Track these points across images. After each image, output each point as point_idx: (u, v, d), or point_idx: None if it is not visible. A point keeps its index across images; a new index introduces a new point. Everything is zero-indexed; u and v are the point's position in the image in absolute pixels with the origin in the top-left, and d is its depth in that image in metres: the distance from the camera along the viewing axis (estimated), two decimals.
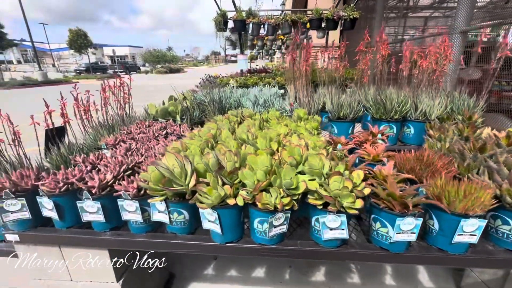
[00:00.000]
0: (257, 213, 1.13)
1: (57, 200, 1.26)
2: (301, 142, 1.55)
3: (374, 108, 2.46)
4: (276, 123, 2.03)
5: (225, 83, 6.13)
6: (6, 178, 1.27)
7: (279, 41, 9.81)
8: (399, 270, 2.05)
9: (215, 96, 2.60)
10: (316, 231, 1.18)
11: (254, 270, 2.08)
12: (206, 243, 1.22)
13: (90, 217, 1.26)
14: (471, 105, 2.31)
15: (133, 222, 1.27)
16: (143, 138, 2.03)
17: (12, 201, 1.24)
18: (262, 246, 1.19)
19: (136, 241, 1.26)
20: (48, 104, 1.94)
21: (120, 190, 1.24)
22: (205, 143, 1.51)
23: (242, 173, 1.14)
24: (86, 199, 1.22)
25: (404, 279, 1.97)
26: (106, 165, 1.47)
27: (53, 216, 1.28)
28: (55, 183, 1.27)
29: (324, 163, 1.14)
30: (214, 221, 1.15)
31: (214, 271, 2.07)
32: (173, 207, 1.21)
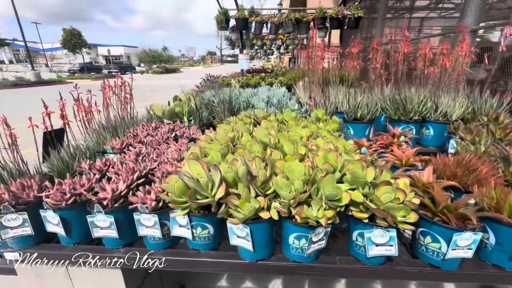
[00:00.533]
0: (294, 228, 1.00)
1: (63, 214, 1.11)
2: (329, 145, 1.43)
3: (393, 109, 2.35)
4: (294, 124, 1.91)
5: (226, 83, 6.00)
6: (4, 189, 1.12)
7: (278, 40, 9.71)
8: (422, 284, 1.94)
9: (225, 96, 2.46)
10: (358, 247, 1.06)
11: (271, 281, 1.95)
12: (234, 260, 1.09)
13: (102, 232, 1.12)
14: (494, 106, 2.21)
15: (150, 238, 1.13)
16: (152, 141, 1.88)
17: (12, 215, 1.09)
18: (297, 264, 1.06)
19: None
20: (47, 105, 1.79)
21: (136, 202, 1.10)
22: (226, 148, 1.38)
23: (276, 183, 1.01)
24: (98, 213, 1.08)
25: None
26: (116, 172, 1.33)
27: (59, 232, 1.13)
28: (61, 194, 1.12)
29: (367, 171, 1.02)
30: (245, 237, 1.02)
31: (228, 283, 1.94)
32: (196, 221, 1.07)
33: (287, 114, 2.13)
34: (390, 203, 0.91)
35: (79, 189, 1.17)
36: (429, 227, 1.00)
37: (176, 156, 1.54)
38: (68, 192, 1.13)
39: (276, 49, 10.94)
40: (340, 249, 1.16)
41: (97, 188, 1.16)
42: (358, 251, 1.07)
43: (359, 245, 1.05)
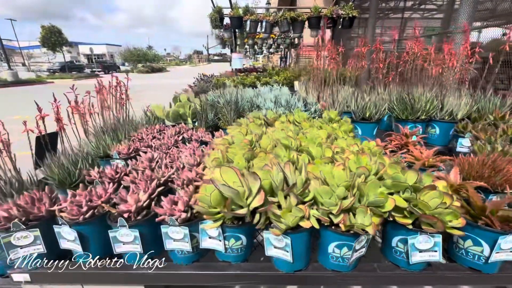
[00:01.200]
0: (335, 237, 0.96)
1: (80, 229, 1.01)
2: (354, 147, 1.40)
3: (400, 108, 2.36)
4: (308, 126, 1.86)
5: (221, 82, 5.90)
6: (12, 204, 1.00)
7: (270, 39, 9.67)
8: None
9: (231, 97, 2.39)
10: (398, 253, 1.03)
11: None
12: (270, 272, 1.03)
13: (124, 247, 1.02)
14: (498, 104, 2.27)
15: (178, 251, 1.05)
16: (160, 145, 1.78)
17: (22, 233, 0.97)
18: (337, 273, 1.01)
19: (182, 274, 1.04)
20: (41, 107, 1.65)
21: (163, 213, 1.01)
22: (250, 153, 1.31)
23: (316, 190, 0.96)
24: (121, 227, 0.99)
25: None
26: (133, 181, 1.23)
27: (75, 249, 1.03)
28: (77, 208, 1.02)
29: (408, 175, 0.99)
30: (284, 247, 0.96)
31: None
32: (230, 232, 1.00)
33: (298, 115, 2.08)
34: (439, 208, 0.88)
35: (96, 201, 1.07)
36: (470, 230, 0.99)
37: (193, 162, 1.46)
38: (85, 205, 1.03)
39: (267, 48, 10.90)
40: (375, 255, 1.13)
41: (116, 199, 1.07)
42: (397, 257, 1.03)
43: (400, 251, 1.02)
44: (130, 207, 1.01)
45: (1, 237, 0.94)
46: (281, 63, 11.06)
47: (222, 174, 0.98)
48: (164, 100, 3.04)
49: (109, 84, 2.41)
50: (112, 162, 1.73)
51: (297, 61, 11.02)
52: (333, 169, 1.00)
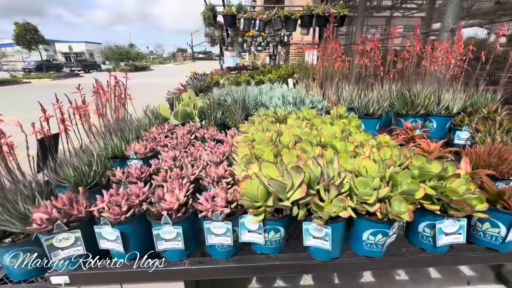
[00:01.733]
0: (370, 224, 1.02)
1: (122, 228, 1.01)
2: (372, 141, 1.48)
3: (401, 104, 2.48)
4: (320, 122, 1.93)
5: (215, 81, 5.88)
6: (50, 206, 0.99)
7: (260, 37, 9.69)
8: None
9: (240, 95, 2.41)
10: (425, 237, 1.11)
11: (301, 277, 1.97)
12: (308, 262, 1.08)
13: (167, 244, 1.04)
14: (489, 99, 2.44)
15: (219, 246, 1.08)
16: (177, 144, 1.79)
17: (64, 235, 0.97)
18: (370, 259, 1.08)
19: (223, 268, 1.07)
20: (45, 108, 1.61)
21: (204, 210, 1.04)
22: (276, 149, 1.35)
23: (352, 181, 1.02)
24: (165, 224, 1.00)
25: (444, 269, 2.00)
26: (165, 180, 1.25)
27: (116, 248, 1.03)
28: (118, 208, 1.02)
29: (433, 164, 1.07)
30: (323, 237, 1.02)
31: (259, 284, 1.92)
32: (271, 224, 1.04)
33: (307, 112, 2.14)
34: (467, 194, 0.96)
35: (133, 200, 1.08)
36: (488, 213, 1.08)
37: (216, 159, 1.48)
38: (124, 204, 1.03)
39: (257, 46, 10.92)
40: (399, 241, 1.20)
41: (154, 198, 1.08)
42: (424, 242, 1.12)
43: (426, 236, 1.10)
44: (172, 205, 1.03)
45: (44, 240, 0.93)
46: (270, 61, 11.11)
47: (263, 169, 1.02)
48: (156, 100, 2.94)
49: (107, 83, 2.36)
50: (129, 162, 1.72)
51: (287, 59, 11.13)
52: (364, 162, 1.06)
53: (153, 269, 1.05)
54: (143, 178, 1.36)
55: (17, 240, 1.11)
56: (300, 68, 5.73)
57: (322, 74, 2.74)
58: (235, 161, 1.41)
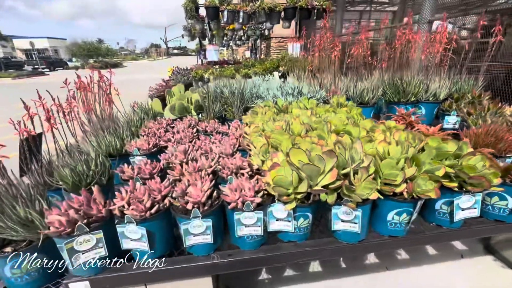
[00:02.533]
0: (396, 204, 1.06)
1: (147, 225, 0.96)
2: (381, 126, 1.52)
3: (393, 92, 2.58)
4: (324, 111, 1.95)
5: (200, 75, 5.74)
6: (67, 207, 0.91)
7: (241, 31, 9.57)
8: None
9: (237, 87, 2.36)
10: (442, 214, 1.17)
11: (309, 264, 2.00)
12: (337, 246, 1.09)
13: (195, 239, 1.00)
14: (471, 85, 2.61)
15: (248, 237, 1.05)
16: (182, 138, 1.72)
17: (85, 236, 0.89)
18: (394, 238, 1.12)
19: (253, 259, 1.06)
20: (28, 105, 1.47)
21: (231, 200, 1.01)
22: (292, 138, 1.34)
23: (378, 164, 1.04)
24: (195, 219, 0.96)
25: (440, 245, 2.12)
26: (182, 173, 1.19)
27: (140, 247, 0.97)
28: (141, 204, 0.96)
29: (449, 144, 1.12)
30: (352, 220, 1.04)
31: (268, 274, 1.92)
32: (301, 211, 1.04)
33: (308, 102, 2.15)
34: (484, 170, 1.02)
35: (156, 195, 1.02)
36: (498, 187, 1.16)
37: (229, 151, 1.45)
38: (147, 200, 0.97)
39: (237, 40, 10.77)
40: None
41: (177, 192, 1.03)
42: (441, 218, 1.18)
43: (443, 213, 1.16)
44: (199, 198, 0.99)
45: (64, 243, 0.86)
46: (251, 55, 11.04)
47: (292, 156, 1.01)
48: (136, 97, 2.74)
49: (90, 79, 2.20)
50: (132, 159, 1.63)
51: (268, 53, 11.11)
52: (382, 145, 1.09)
53: (179, 266, 1.00)
54: (155, 174, 1.29)
55: (20, 248, 1.01)
56: (286, 60, 5.75)
57: (317, 65, 2.76)
58: (249, 152, 1.38)
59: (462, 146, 1.14)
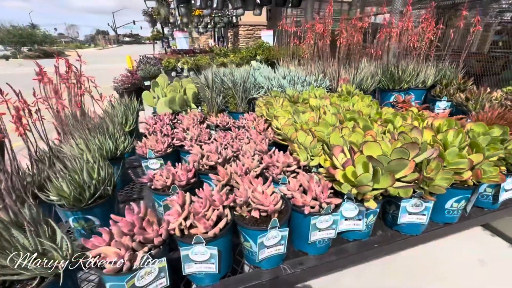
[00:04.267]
0: (457, 192, 1.06)
1: (218, 243, 0.79)
2: (411, 114, 1.52)
3: (389, 79, 2.65)
4: (339, 101, 1.90)
5: (173, 65, 5.32)
6: (118, 233, 0.70)
7: (207, 18, 9.04)
8: None
9: (241, 76, 2.18)
10: (485, 197, 1.21)
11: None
12: (402, 239, 1.06)
13: (268, 252, 0.87)
14: (456, 72, 2.81)
15: (319, 241, 0.96)
16: (199, 135, 1.52)
17: (147, 268, 0.70)
18: (449, 225, 1.13)
19: (325, 264, 0.97)
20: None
21: (303, 204, 0.89)
22: (332, 129, 1.26)
23: (445, 153, 1.02)
24: (272, 229, 0.83)
25: None
26: (229, 178, 1.03)
27: (207, 270, 0.81)
28: (205, 220, 0.79)
29: (495, 129, 1.16)
30: (421, 212, 1.01)
31: None
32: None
33: (318, 91, 2.09)
34: None
35: (217, 206, 0.85)
36: None
37: (264, 148, 1.31)
38: (213, 214, 0.81)
39: (203, 27, 10.18)
40: None
41: (240, 199, 0.88)
42: (484, 201, 1.22)
43: (486, 195, 1.21)
44: (270, 205, 0.85)
45: (126, 282, 0.66)
46: (218, 43, 10.59)
47: (366, 149, 0.92)
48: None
49: (55, 69, 1.83)
50: (145, 162, 1.39)
51: (236, 41, 10.76)
52: (448, 135, 1.08)
53: (252, 283, 0.87)
54: (192, 180, 1.10)
55: None
56: (264, 48, 5.60)
57: (315, 53, 2.70)
58: (291, 147, 1.27)
59: (506, 130, 1.18)
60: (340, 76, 2.43)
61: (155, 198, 1.09)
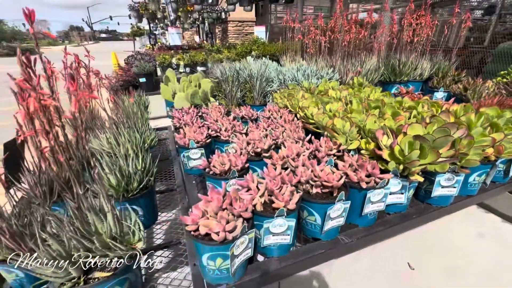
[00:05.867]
0: (480, 167, 1.21)
1: (294, 216, 0.89)
2: (424, 101, 1.68)
3: (390, 72, 2.83)
4: (353, 92, 2.04)
5: (168, 62, 5.27)
6: (215, 204, 0.77)
7: (195, 13, 8.93)
8: None
9: (258, 69, 2.25)
10: (498, 172, 1.39)
11: None
12: (435, 210, 1.21)
13: (331, 224, 0.97)
14: (448, 66, 3.04)
15: (370, 214, 1.08)
16: (234, 126, 1.59)
17: (241, 239, 0.78)
18: (471, 197, 1.29)
19: (375, 235, 1.09)
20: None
21: (360, 181, 1.01)
22: (365, 116, 1.38)
23: (472, 133, 1.17)
24: (338, 202, 0.93)
25: None
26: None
27: (281, 241, 0.90)
28: (282, 195, 0.87)
29: (508, 112, 1.33)
30: (452, 185, 1.15)
31: None
32: (413, 182, 1.11)
33: (331, 84, 2.21)
34: None
35: (291, 181, 0.94)
36: None
37: (302, 135, 1.41)
38: (287, 190, 0.90)
39: (189, 24, 10.03)
40: None
41: (306, 176, 0.97)
42: (497, 175, 1.39)
43: (498, 170, 1.38)
44: (333, 181, 0.95)
45: (229, 250, 0.73)
46: (207, 39, 10.49)
47: (410, 130, 1.05)
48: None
49: (63, 65, 1.84)
50: (186, 152, 1.44)
51: (224, 37, 10.72)
52: (467, 117, 1.23)
53: (320, 251, 0.97)
54: (246, 165, 1.18)
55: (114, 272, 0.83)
56: (259, 44, 5.67)
57: (324, 48, 2.82)
58: (328, 133, 1.38)
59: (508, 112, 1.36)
60: (348, 70, 2.56)
61: (212, 182, 1.15)
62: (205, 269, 0.81)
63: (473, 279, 1.45)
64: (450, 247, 1.67)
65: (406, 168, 1.04)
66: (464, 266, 1.53)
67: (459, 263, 1.55)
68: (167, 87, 2.22)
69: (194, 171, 1.51)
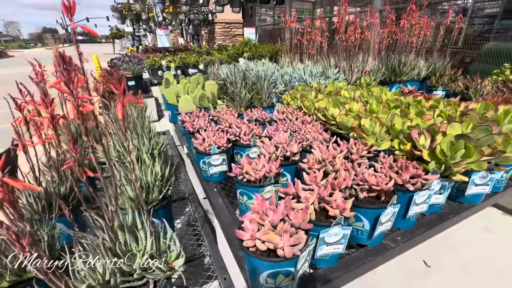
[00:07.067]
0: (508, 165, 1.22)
1: (347, 223, 0.83)
2: (437, 98, 1.69)
3: (391, 72, 2.87)
4: (366, 92, 2.03)
5: (159, 64, 5.10)
6: (277, 214, 0.70)
7: (181, 15, 8.73)
8: None
9: (264, 71, 2.19)
10: None
11: None
12: (468, 209, 1.20)
13: (380, 229, 0.93)
14: (444, 66, 3.13)
15: (412, 215, 1.05)
16: (252, 130, 1.52)
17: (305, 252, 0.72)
18: (496, 193, 1.31)
19: (419, 237, 1.06)
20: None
21: (404, 183, 0.97)
22: (390, 115, 1.36)
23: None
24: (389, 206, 0.89)
25: None
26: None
27: (335, 251, 0.85)
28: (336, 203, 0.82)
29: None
30: (486, 182, 1.15)
31: None
32: (451, 182, 1.09)
33: (339, 84, 2.20)
34: None
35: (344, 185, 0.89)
36: None
37: (328, 136, 1.37)
38: (340, 196, 0.84)
39: (178, 24, 9.81)
40: None
41: (356, 180, 0.93)
42: None
43: None
44: (382, 184, 0.91)
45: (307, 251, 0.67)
46: (193, 41, 10.30)
47: (450, 129, 1.03)
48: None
49: (55, 67, 1.70)
50: (208, 158, 1.35)
51: (211, 39, 10.56)
52: (491, 114, 1.24)
53: (371, 258, 0.93)
54: (280, 170, 1.11)
55: None
56: (250, 46, 5.62)
57: (324, 48, 2.82)
58: (356, 134, 1.34)
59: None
60: (353, 70, 2.57)
61: (245, 190, 1.08)
62: (261, 287, 0.74)
63: (485, 274, 1.45)
64: (460, 243, 1.64)
65: (448, 168, 1.02)
66: (477, 261, 1.52)
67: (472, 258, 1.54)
68: (170, 90, 2.10)
69: (214, 177, 1.42)
